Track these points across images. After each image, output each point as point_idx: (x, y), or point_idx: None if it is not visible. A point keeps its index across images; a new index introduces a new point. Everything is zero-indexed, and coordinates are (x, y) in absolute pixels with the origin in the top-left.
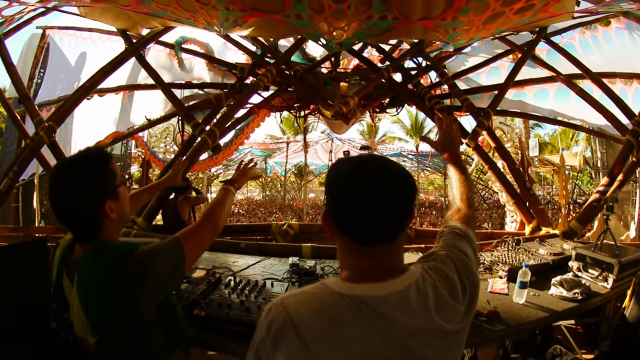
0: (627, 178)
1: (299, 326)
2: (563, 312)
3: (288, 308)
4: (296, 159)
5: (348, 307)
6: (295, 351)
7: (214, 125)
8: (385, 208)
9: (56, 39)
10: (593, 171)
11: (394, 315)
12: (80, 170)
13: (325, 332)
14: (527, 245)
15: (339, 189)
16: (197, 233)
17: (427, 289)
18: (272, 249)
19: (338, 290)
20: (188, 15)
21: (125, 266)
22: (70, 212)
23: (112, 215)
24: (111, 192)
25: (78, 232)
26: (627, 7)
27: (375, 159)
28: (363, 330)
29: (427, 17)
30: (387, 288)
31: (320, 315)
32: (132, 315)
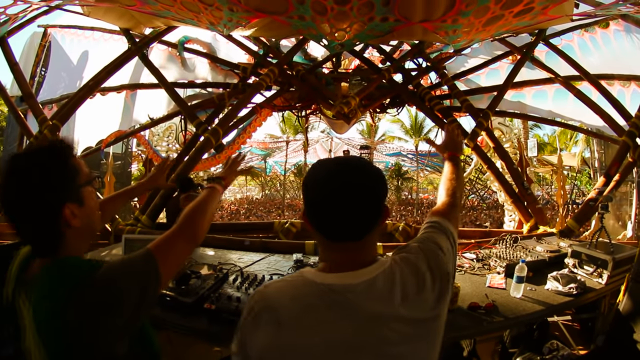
0: (623, 178)
1: (277, 310)
2: (559, 305)
3: (269, 294)
4: (295, 158)
5: (320, 294)
6: (272, 332)
7: (218, 124)
8: (351, 213)
9: (58, 38)
10: (592, 171)
11: (361, 302)
12: (33, 165)
13: (300, 316)
14: (524, 243)
15: (312, 192)
16: (172, 244)
17: (395, 277)
18: (276, 246)
19: (312, 279)
20: (192, 16)
21: (85, 292)
22: (22, 218)
23: (74, 223)
24: (72, 194)
25: (33, 244)
26: (626, 10)
27: (349, 164)
28: (333, 316)
29: (428, 19)
30: (357, 277)
31: (296, 301)
32: (96, 352)
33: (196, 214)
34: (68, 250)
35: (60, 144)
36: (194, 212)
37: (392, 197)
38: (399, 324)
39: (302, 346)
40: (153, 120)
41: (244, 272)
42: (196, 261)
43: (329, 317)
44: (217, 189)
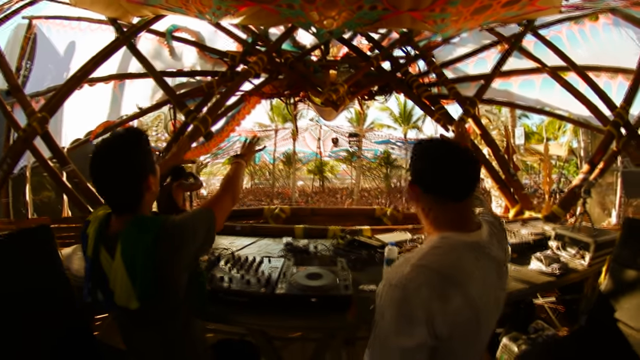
0: (607, 166)
1: (455, 273)
2: (542, 284)
3: (435, 263)
4: (284, 146)
5: (473, 249)
6: (460, 294)
7: (206, 113)
8: (471, 171)
9: (43, 29)
10: (579, 161)
11: (492, 252)
12: (128, 147)
13: (472, 270)
14: (509, 227)
15: (437, 162)
16: (222, 201)
17: (494, 233)
18: (266, 231)
19: (460, 239)
20: (180, 4)
21: (169, 232)
22: (118, 186)
23: (153, 189)
24: (152, 167)
25: (122, 204)
26: (614, 3)
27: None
28: (486, 265)
29: (416, 7)
30: (482, 234)
31: (463, 259)
32: (173, 280)
33: (233, 179)
34: (143, 209)
35: (140, 131)
36: (232, 178)
37: (382, 184)
38: (505, 264)
39: (477, 296)
40: (142, 109)
41: (235, 255)
42: None
43: (487, 265)
44: (242, 163)
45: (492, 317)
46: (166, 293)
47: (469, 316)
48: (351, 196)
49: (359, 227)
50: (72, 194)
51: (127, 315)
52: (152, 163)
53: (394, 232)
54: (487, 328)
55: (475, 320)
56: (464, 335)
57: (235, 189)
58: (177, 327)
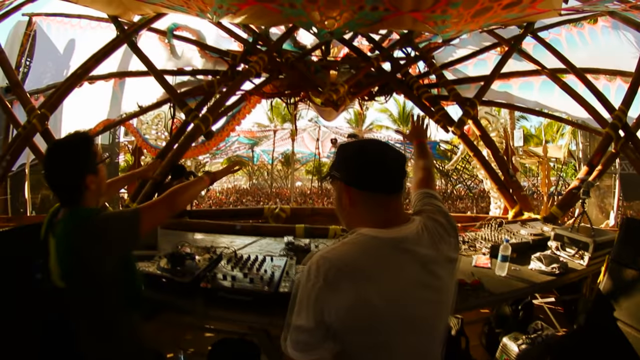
0: (606, 168)
1: (354, 268)
2: (542, 284)
3: (337, 257)
4: (283, 147)
5: (391, 246)
6: (354, 290)
7: (207, 111)
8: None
9: (43, 26)
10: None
11: (416, 249)
12: (68, 149)
13: (376, 269)
14: (509, 227)
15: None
16: (155, 208)
17: (430, 229)
18: (267, 230)
19: (375, 236)
20: (181, 2)
21: (87, 224)
22: (59, 182)
23: (91, 187)
24: (91, 168)
25: (63, 198)
26: (613, 7)
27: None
28: (401, 263)
29: (418, 9)
30: (406, 230)
31: (369, 256)
32: (90, 266)
33: (179, 190)
34: (84, 204)
35: (85, 136)
36: (178, 188)
37: None
38: (445, 263)
39: (379, 296)
40: (142, 108)
41: (237, 254)
42: (189, 244)
43: (400, 264)
44: (204, 179)
45: (423, 319)
46: (86, 278)
47: (369, 312)
48: None
49: None
50: None
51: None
52: (92, 165)
53: None
54: (417, 331)
55: (384, 318)
56: (370, 331)
57: (177, 201)
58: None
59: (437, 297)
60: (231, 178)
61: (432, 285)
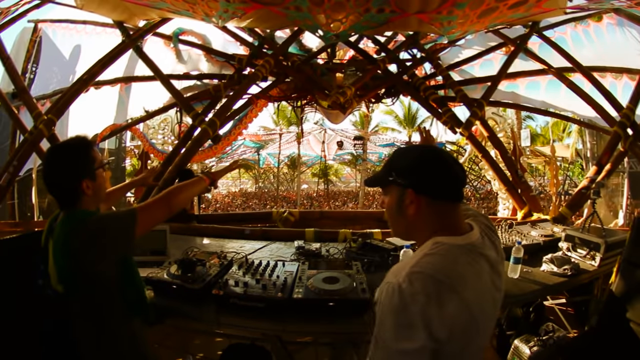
0: (614, 167)
1: (449, 278)
2: (554, 285)
3: (430, 270)
4: (289, 150)
5: (468, 252)
6: (455, 299)
7: (214, 115)
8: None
9: (49, 33)
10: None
11: (487, 253)
12: (66, 153)
13: (466, 275)
14: (519, 228)
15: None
16: (151, 208)
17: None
18: (276, 234)
19: (454, 243)
20: (187, 7)
21: (83, 226)
22: (55, 183)
23: (88, 192)
24: (89, 173)
25: (60, 201)
26: (618, 4)
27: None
28: (481, 268)
29: (424, 10)
30: (473, 236)
31: (457, 264)
32: (86, 269)
33: (176, 190)
34: (83, 206)
35: (85, 140)
36: (175, 188)
37: None
38: (501, 262)
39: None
40: (148, 113)
41: (248, 259)
42: (199, 249)
43: (481, 267)
44: (203, 179)
45: (490, 319)
46: (83, 281)
47: (467, 319)
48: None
49: (369, 230)
50: None
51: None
52: (90, 169)
53: None
54: (486, 330)
55: (474, 323)
56: (463, 337)
57: (174, 201)
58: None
59: (500, 296)
60: (237, 181)
61: (499, 286)
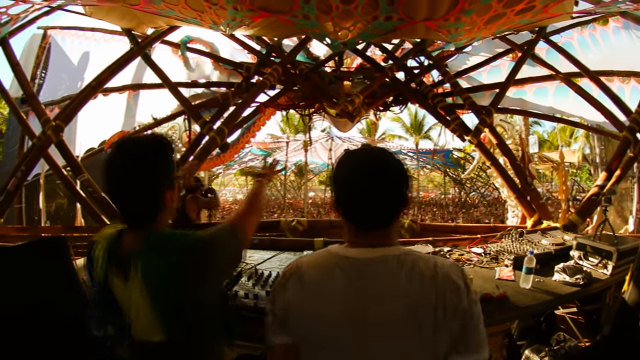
0: (624, 173)
1: (302, 275)
2: (566, 295)
3: (301, 262)
4: (295, 157)
5: (337, 264)
6: (295, 292)
7: (223, 123)
8: (380, 203)
9: (58, 39)
10: (592, 168)
11: (371, 276)
12: (153, 156)
13: (318, 280)
14: (530, 237)
15: (341, 186)
16: (248, 217)
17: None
18: (285, 244)
19: (335, 252)
20: (195, 15)
21: (195, 252)
22: (137, 193)
23: (170, 204)
24: (172, 182)
25: (139, 215)
26: (625, 7)
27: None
28: (344, 284)
29: (431, 17)
30: (374, 253)
31: (317, 268)
32: (199, 304)
33: (258, 198)
34: (159, 225)
35: (166, 140)
36: (256, 196)
37: None
38: (399, 303)
39: (317, 306)
40: (156, 120)
41: (257, 270)
42: None
43: (342, 284)
44: (263, 182)
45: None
46: (193, 321)
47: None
48: None
49: None
50: (86, 203)
51: (146, 351)
52: (173, 178)
53: (415, 245)
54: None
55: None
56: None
57: (260, 207)
58: (204, 357)
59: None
60: (244, 189)
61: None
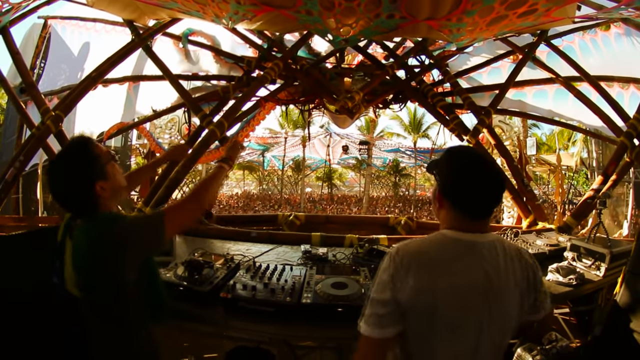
0: (620, 177)
1: (428, 258)
2: (559, 295)
3: (415, 248)
4: (293, 152)
5: (466, 246)
6: (424, 276)
7: (222, 117)
8: (495, 197)
9: (58, 29)
10: (589, 172)
11: (488, 256)
12: (68, 161)
13: (449, 262)
14: (525, 237)
15: (461, 178)
16: (181, 209)
17: (504, 244)
18: (282, 238)
19: (453, 236)
20: (197, 8)
21: (111, 233)
22: (67, 197)
23: (104, 194)
24: (99, 173)
25: (79, 213)
26: (627, 14)
27: (485, 158)
28: (472, 264)
29: (433, 17)
30: (485, 238)
31: (444, 251)
32: (113, 276)
33: (204, 186)
34: (103, 209)
35: (82, 139)
36: (203, 185)
37: (390, 192)
38: (507, 280)
39: (447, 286)
40: (156, 112)
41: (255, 263)
42: (205, 251)
43: (471, 265)
44: (224, 167)
45: (474, 322)
46: (107, 287)
47: (428, 299)
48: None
49: (375, 236)
50: None
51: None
52: (99, 169)
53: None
54: (465, 331)
55: (439, 310)
56: (425, 319)
57: (205, 196)
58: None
59: (492, 309)
60: (240, 183)
61: (490, 296)
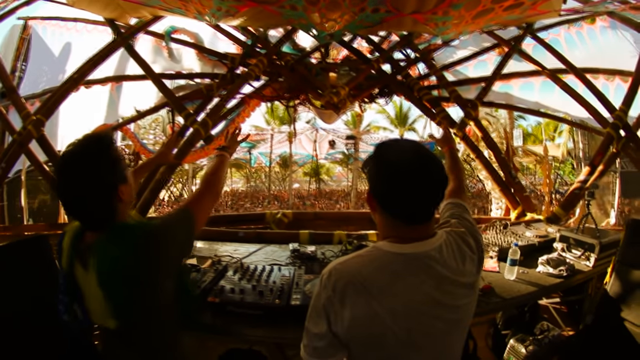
0: (607, 168)
1: (364, 282)
2: (550, 286)
3: (349, 269)
4: (280, 149)
5: (403, 263)
6: (361, 303)
7: (207, 115)
8: (429, 196)
9: (39, 30)
10: (575, 162)
11: (434, 266)
12: (89, 162)
13: (388, 284)
14: (514, 229)
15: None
16: (202, 199)
17: (453, 246)
18: (270, 237)
19: (389, 250)
20: (179, 4)
21: (146, 241)
22: (86, 205)
23: (125, 199)
24: (121, 176)
25: (93, 221)
26: (612, 7)
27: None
28: (418, 280)
29: (419, 10)
30: (426, 246)
31: (382, 271)
32: (152, 291)
33: (217, 174)
34: (119, 217)
35: (98, 138)
36: (213, 173)
37: None
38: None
39: (388, 311)
40: (140, 112)
41: (243, 264)
42: (193, 254)
43: (414, 281)
44: (226, 156)
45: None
46: (147, 308)
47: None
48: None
49: (364, 232)
50: None
51: (107, 335)
52: (121, 171)
53: None
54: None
55: (389, 333)
56: (372, 344)
57: (219, 185)
58: (164, 344)
59: (451, 316)
60: (229, 181)
61: (446, 304)
